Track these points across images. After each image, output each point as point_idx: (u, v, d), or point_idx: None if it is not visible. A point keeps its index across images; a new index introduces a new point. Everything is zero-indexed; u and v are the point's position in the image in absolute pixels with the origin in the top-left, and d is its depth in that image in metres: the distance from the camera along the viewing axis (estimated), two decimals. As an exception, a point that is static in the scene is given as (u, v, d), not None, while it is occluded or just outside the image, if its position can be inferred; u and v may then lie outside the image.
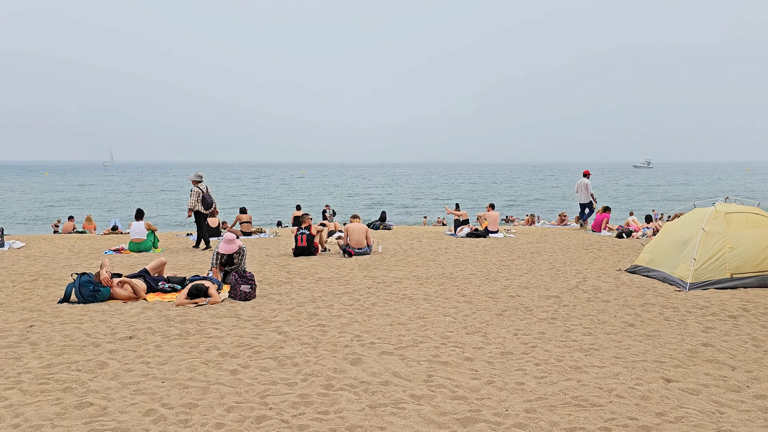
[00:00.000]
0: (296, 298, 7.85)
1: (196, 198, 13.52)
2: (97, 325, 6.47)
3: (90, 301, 7.55)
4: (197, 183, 13.65)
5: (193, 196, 13.58)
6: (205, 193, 13.63)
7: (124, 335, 6.04)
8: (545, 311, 7.08)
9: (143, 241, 13.10)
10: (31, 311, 7.13)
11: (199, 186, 13.63)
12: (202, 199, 13.54)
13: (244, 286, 7.78)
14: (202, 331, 6.17)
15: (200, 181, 13.71)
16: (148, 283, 8.20)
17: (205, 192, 13.64)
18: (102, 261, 7.99)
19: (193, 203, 13.53)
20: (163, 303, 7.64)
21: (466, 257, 11.92)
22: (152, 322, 6.59)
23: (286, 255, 12.43)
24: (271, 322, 6.53)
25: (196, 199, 13.52)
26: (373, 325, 6.42)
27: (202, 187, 13.66)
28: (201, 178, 13.79)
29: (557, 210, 45.15)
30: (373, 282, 9.03)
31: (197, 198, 13.52)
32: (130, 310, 7.17)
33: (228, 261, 9.07)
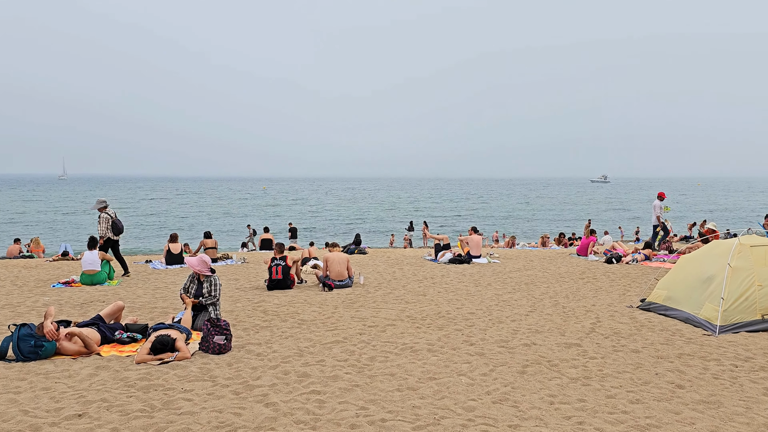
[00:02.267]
0: (279, 350, 6.72)
1: (106, 225, 12.89)
2: (39, 395, 5.23)
3: (31, 358, 6.28)
4: (104, 209, 12.99)
5: (102, 223, 12.89)
6: (114, 218, 13.06)
7: (72, 412, 4.83)
8: (573, 366, 6.13)
9: (97, 273, 11.73)
10: (-45, 374, 5.85)
11: (107, 212, 13.00)
12: (112, 225, 12.95)
13: (218, 338, 6.61)
14: (170, 404, 5.00)
15: (106, 207, 13.07)
16: (102, 332, 6.96)
17: (113, 217, 13.07)
18: (47, 309, 6.73)
19: (104, 231, 12.87)
20: (121, 359, 6.42)
21: (457, 290, 10.94)
22: (108, 389, 5.38)
23: (258, 288, 11.25)
24: (255, 388, 5.40)
25: (106, 227, 12.89)
26: (378, 390, 5.35)
27: (110, 212, 13.05)
28: (106, 203, 13.15)
29: (523, 230, 44.87)
30: (363, 326, 7.96)
31: (107, 225, 12.90)
32: (81, 371, 5.93)
33: (198, 290, 7.95)
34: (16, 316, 8.51)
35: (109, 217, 12.97)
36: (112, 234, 12.95)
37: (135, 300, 9.95)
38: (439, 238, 16.69)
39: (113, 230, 12.96)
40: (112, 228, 12.95)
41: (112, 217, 13.02)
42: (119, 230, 13.06)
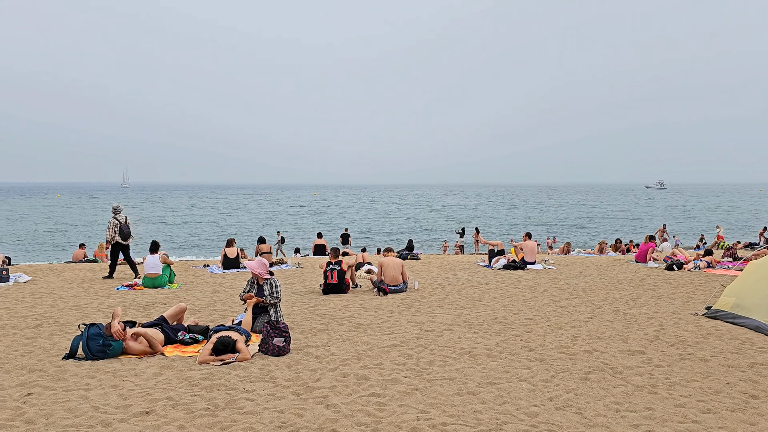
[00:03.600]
0: (337, 353, 6.75)
1: (113, 230, 13.52)
2: (108, 392, 5.40)
3: (99, 357, 6.49)
4: (115, 214, 13.72)
5: (110, 227, 13.54)
6: (122, 224, 13.63)
7: (140, 409, 4.97)
8: (638, 374, 5.94)
9: (158, 276, 12.08)
10: (30, 371, 6.09)
11: (117, 217, 13.66)
12: (119, 230, 13.54)
13: (278, 340, 6.70)
14: (233, 404, 5.08)
15: (118, 212, 13.79)
16: (166, 333, 7.14)
17: (122, 223, 13.65)
18: (114, 310, 6.96)
19: (111, 235, 13.50)
20: (184, 359, 6.57)
21: (513, 295, 10.79)
22: (173, 388, 5.51)
23: (314, 292, 11.36)
24: (314, 390, 5.44)
25: (113, 231, 13.51)
26: (438, 394, 5.30)
27: (120, 218, 13.68)
28: (119, 208, 13.90)
29: (578, 236, 43.95)
30: (420, 330, 7.92)
31: (114, 230, 13.52)
32: (146, 370, 6.10)
33: (258, 294, 8.09)
34: (84, 317, 8.83)
35: (118, 223, 13.55)
36: (120, 238, 13.53)
37: (195, 303, 10.18)
38: (494, 244, 16.50)
39: (120, 235, 13.54)
40: (119, 233, 13.53)
41: (120, 223, 13.58)
42: (126, 235, 13.59)
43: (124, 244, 13.68)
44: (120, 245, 13.63)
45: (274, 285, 8.20)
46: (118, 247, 13.64)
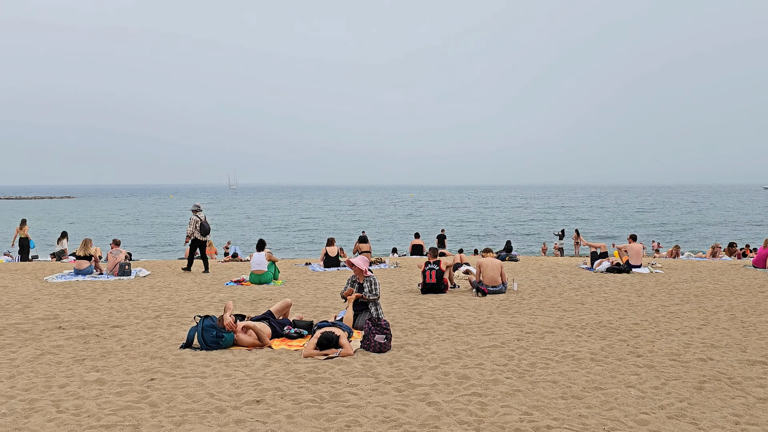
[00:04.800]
0: (437, 351, 6.79)
1: (194, 226, 14.48)
2: (221, 381, 5.73)
3: (213, 347, 6.89)
4: (196, 212, 14.65)
5: (191, 224, 14.50)
6: (202, 221, 14.56)
7: (251, 397, 5.23)
8: (759, 385, 5.57)
9: (264, 273, 12.62)
10: (152, 358, 6.56)
11: (198, 215, 14.59)
12: (200, 227, 14.48)
13: (379, 336, 6.83)
14: (337, 397, 5.24)
15: (199, 210, 14.72)
16: (273, 327, 7.46)
17: (202, 220, 14.58)
18: (226, 304, 7.36)
19: (191, 231, 14.50)
20: (290, 352, 6.84)
21: (618, 299, 10.39)
22: (281, 379, 5.76)
23: (412, 292, 11.46)
24: (416, 387, 5.50)
25: (194, 227, 14.48)
26: (541, 397, 5.22)
27: (200, 215, 14.62)
28: (199, 207, 14.86)
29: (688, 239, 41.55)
30: (521, 332, 7.81)
31: (195, 226, 14.48)
32: (256, 361, 6.41)
33: (358, 289, 8.29)
34: (198, 310, 9.39)
35: (198, 220, 14.53)
36: (200, 234, 14.55)
37: (298, 299, 10.55)
38: (596, 246, 15.96)
39: (201, 231, 14.53)
40: (199, 229, 14.50)
41: (201, 220, 14.55)
42: (206, 231, 14.60)
43: (202, 241, 14.71)
44: (198, 241, 14.67)
45: (373, 282, 8.36)
46: (197, 242, 14.68)
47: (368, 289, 8.29)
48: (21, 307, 9.64)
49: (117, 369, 6.13)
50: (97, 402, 5.14)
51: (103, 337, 7.54)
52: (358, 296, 8.22)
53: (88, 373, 5.98)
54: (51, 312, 9.24)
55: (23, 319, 8.71)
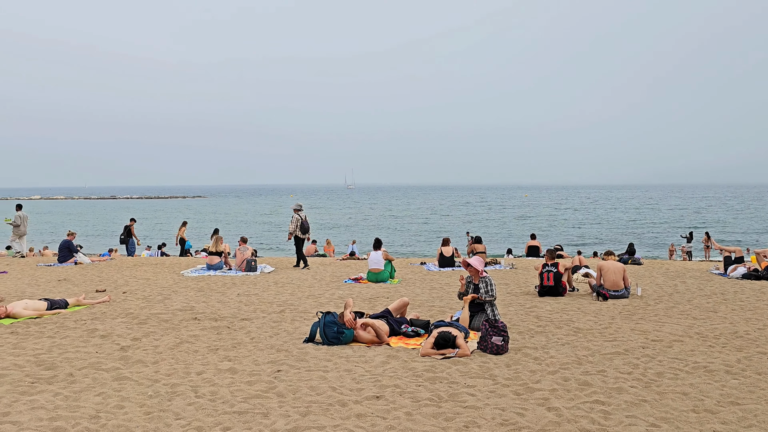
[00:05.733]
0: (556, 356, 6.64)
1: (296, 224, 15.38)
2: (342, 375, 5.95)
3: (334, 343, 7.16)
4: (298, 211, 15.57)
5: (293, 222, 15.45)
6: (303, 220, 15.46)
7: (371, 393, 5.40)
8: None
9: (381, 272, 12.90)
10: (278, 350, 6.93)
11: (299, 213, 15.49)
12: (300, 225, 15.37)
13: (496, 338, 6.79)
14: (455, 397, 5.29)
15: (300, 210, 15.64)
16: (390, 325, 7.63)
17: (303, 219, 15.47)
18: (346, 300, 7.62)
19: (293, 229, 15.42)
20: (407, 350, 6.98)
21: (756, 308, 9.62)
22: (399, 377, 5.89)
23: (529, 294, 11.26)
24: (535, 391, 5.43)
25: (295, 226, 15.38)
26: (669, 409, 4.97)
27: (301, 215, 15.51)
28: (301, 207, 15.83)
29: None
30: (646, 339, 7.45)
31: (297, 224, 15.38)
32: (375, 358, 6.60)
33: (474, 290, 8.28)
34: (319, 306, 9.78)
35: (300, 219, 15.43)
36: (300, 233, 15.42)
37: (414, 298, 10.69)
38: (731, 250, 14.85)
39: (301, 229, 15.43)
40: (300, 227, 15.39)
41: (302, 219, 15.46)
42: (306, 230, 15.54)
43: (302, 238, 15.54)
44: (299, 238, 15.50)
45: (489, 283, 8.32)
46: (298, 240, 15.58)
47: (484, 290, 8.26)
48: (161, 299, 10.51)
49: (247, 359, 6.54)
50: (230, 389, 5.52)
51: (233, 329, 8.06)
52: (474, 297, 8.22)
53: (221, 362, 6.43)
54: (187, 304, 9.99)
55: (164, 309, 9.49)
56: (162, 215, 75.60)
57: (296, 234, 15.49)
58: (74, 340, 7.43)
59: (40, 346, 7.13)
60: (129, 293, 11.19)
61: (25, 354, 6.78)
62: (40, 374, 6.01)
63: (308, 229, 15.69)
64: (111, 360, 6.51)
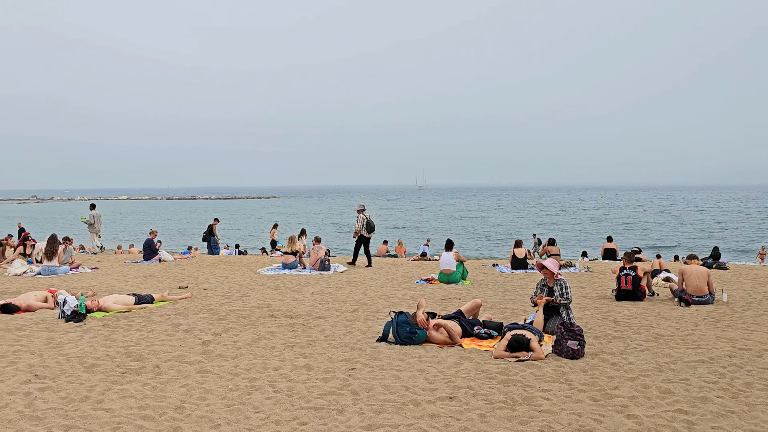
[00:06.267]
0: (635, 362, 6.44)
1: (362, 224, 16.00)
2: (415, 375, 5.99)
3: (406, 343, 7.21)
4: (361, 211, 16.21)
5: (359, 222, 16.05)
6: (368, 219, 16.10)
7: (444, 394, 5.41)
8: None
9: (453, 273, 12.86)
10: (352, 349, 7.04)
11: (363, 213, 16.13)
12: (366, 224, 16.00)
13: (572, 342, 6.65)
14: (530, 400, 5.23)
15: (363, 210, 16.30)
16: (463, 327, 7.61)
17: (368, 218, 16.10)
18: (419, 301, 7.66)
19: (359, 228, 16.02)
20: (480, 352, 6.94)
21: None
22: (472, 378, 5.87)
23: (606, 298, 10.94)
24: (613, 398, 5.29)
25: (361, 225, 16.00)
26: (759, 421, 4.73)
27: (365, 214, 16.15)
28: (364, 207, 16.49)
29: None
30: (733, 347, 7.11)
31: (363, 224, 16.00)
32: (447, 359, 6.60)
33: (549, 292, 8.15)
34: (391, 305, 9.86)
35: (365, 218, 16.05)
36: (366, 232, 16.01)
37: (486, 300, 10.60)
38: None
39: (367, 228, 16.04)
40: (366, 226, 15.98)
41: (367, 218, 16.08)
42: (372, 228, 16.16)
43: (367, 237, 16.11)
44: (364, 237, 16.09)
45: (564, 285, 8.15)
46: (363, 239, 16.09)
47: (559, 292, 8.10)
48: (240, 296, 10.88)
49: (322, 357, 6.69)
50: (306, 385, 5.67)
51: (308, 327, 8.25)
52: (548, 300, 8.08)
53: (297, 359, 6.60)
54: (264, 301, 10.30)
55: (242, 306, 9.82)
56: (238, 215, 77.97)
57: (362, 233, 16.06)
58: (160, 334, 7.81)
59: (129, 339, 7.54)
60: (209, 290, 11.64)
61: (115, 345, 7.19)
62: (129, 365, 6.36)
63: (374, 228, 16.30)
64: (194, 353, 6.81)
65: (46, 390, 5.55)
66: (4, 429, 4.64)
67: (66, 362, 6.46)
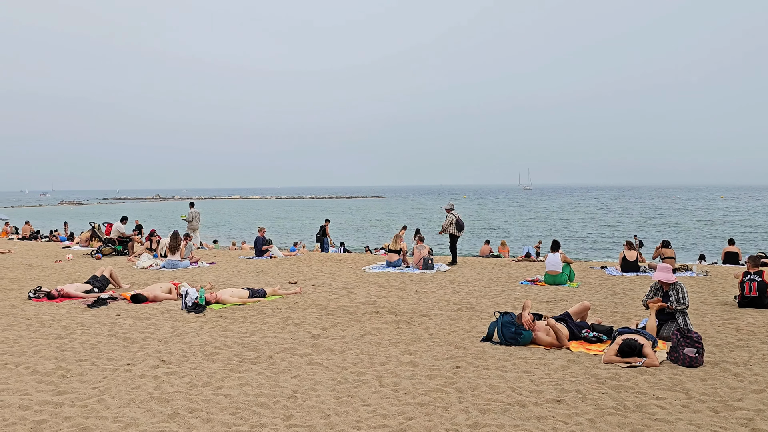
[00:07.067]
0: (761, 373, 6.01)
1: (449, 222, 16.25)
2: (521, 376, 5.92)
3: (511, 343, 7.13)
4: (450, 210, 16.43)
5: (448, 220, 16.29)
6: (457, 218, 16.27)
7: (551, 396, 5.32)
8: None
9: (559, 274, 12.53)
10: (456, 347, 7.06)
11: (452, 213, 16.32)
12: (455, 223, 16.20)
13: (689, 350, 6.31)
14: (643, 408, 5.03)
15: (452, 209, 16.46)
16: (570, 329, 7.42)
17: (457, 217, 16.28)
18: (525, 302, 7.55)
19: (446, 225, 16.31)
20: (589, 356, 6.74)
21: None
22: (580, 382, 5.73)
23: (727, 304, 10.25)
24: (736, 410, 4.97)
25: (449, 223, 16.25)
26: None
27: (454, 213, 16.33)
28: (453, 206, 16.64)
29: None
30: None
31: (450, 222, 16.24)
32: (554, 361, 6.47)
33: (663, 297, 7.77)
34: (496, 306, 9.77)
35: (454, 217, 16.25)
36: (455, 230, 16.28)
37: (595, 303, 10.25)
38: None
39: (456, 227, 16.28)
40: (455, 225, 16.22)
41: (455, 217, 16.26)
42: (461, 227, 16.39)
43: (457, 235, 16.32)
44: (454, 236, 16.31)
45: (681, 290, 7.75)
46: (453, 237, 16.37)
47: (674, 297, 7.71)
48: (346, 292, 11.18)
49: (426, 354, 6.76)
50: (411, 382, 5.76)
51: (413, 324, 8.36)
52: (662, 305, 7.71)
53: (403, 355, 6.72)
54: (369, 298, 10.53)
55: (348, 302, 10.09)
56: (342, 214, 79.79)
57: (452, 231, 16.32)
58: (272, 327, 8.20)
59: (244, 330, 7.97)
60: (317, 286, 12.05)
61: (232, 336, 7.64)
62: (245, 355, 6.74)
63: (463, 227, 16.51)
64: (304, 346, 7.10)
65: (171, 374, 5.99)
66: (138, 408, 5.07)
67: (189, 350, 6.95)
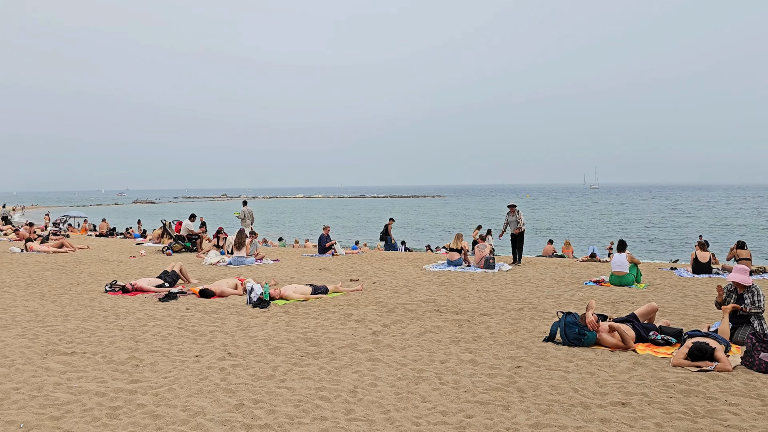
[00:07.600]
0: None
1: (506, 222, 16.95)
2: (584, 378, 5.81)
3: (575, 344, 7.00)
4: (513, 209, 16.95)
5: (506, 219, 16.99)
6: (516, 217, 16.74)
7: (616, 399, 5.19)
8: None
9: (625, 275, 12.18)
10: (518, 347, 6.99)
11: (515, 210, 16.85)
12: (510, 224, 16.84)
13: (765, 355, 6.03)
14: (714, 414, 4.84)
15: (515, 208, 16.95)
16: (637, 331, 7.21)
17: (517, 216, 16.76)
18: (589, 302, 7.38)
19: (505, 226, 17.03)
20: (656, 359, 6.53)
21: None
22: (647, 385, 5.57)
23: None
24: (816, 419, 4.74)
25: (506, 222, 16.96)
26: None
27: (517, 212, 16.81)
28: (514, 205, 17.09)
29: None
30: None
31: (507, 220, 16.91)
32: (619, 363, 6.31)
33: (738, 300, 7.46)
34: (559, 306, 9.59)
35: (510, 218, 16.86)
36: (512, 229, 16.80)
37: (663, 305, 9.91)
38: None
39: (511, 227, 16.81)
40: (512, 225, 16.77)
41: (511, 218, 16.77)
42: (515, 227, 16.73)
43: (516, 234, 16.72)
44: (513, 236, 16.80)
45: (757, 293, 7.41)
46: (514, 236, 16.81)
47: (750, 300, 7.38)
48: (407, 290, 11.22)
49: (487, 353, 6.72)
50: (472, 380, 5.74)
51: (473, 323, 8.31)
52: (736, 308, 7.39)
53: (463, 354, 6.70)
54: (430, 296, 10.53)
55: (409, 300, 10.13)
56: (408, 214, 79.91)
57: (513, 231, 16.76)
58: (334, 323, 8.33)
59: (307, 325, 8.13)
60: (378, 284, 12.14)
61: (295, 331, 7.80)
62: (307, 349, 6.87)
63: (518, 227, 16.78)
64: (364, 342, 7.18)
65: (237, 367, 6.19)
66: (205, 398, 5.27)
67: (253, 343, 7.15)
